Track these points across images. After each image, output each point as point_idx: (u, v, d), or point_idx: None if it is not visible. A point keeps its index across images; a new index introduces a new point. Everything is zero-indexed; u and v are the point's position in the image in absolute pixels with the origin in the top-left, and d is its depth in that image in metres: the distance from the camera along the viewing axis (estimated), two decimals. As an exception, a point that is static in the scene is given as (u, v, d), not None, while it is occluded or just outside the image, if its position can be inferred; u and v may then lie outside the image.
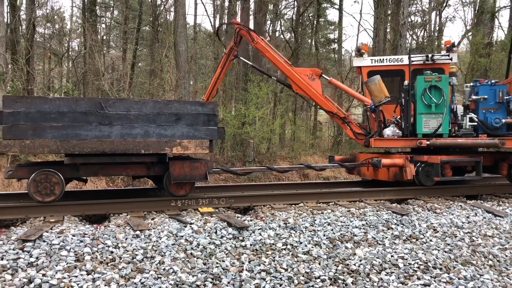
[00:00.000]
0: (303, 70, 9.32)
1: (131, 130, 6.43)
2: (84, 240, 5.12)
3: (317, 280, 4.81)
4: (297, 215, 6.54)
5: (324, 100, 9.17)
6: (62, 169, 6.42)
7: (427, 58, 9.04)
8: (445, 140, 8.27)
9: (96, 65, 18.84)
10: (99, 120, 6.28)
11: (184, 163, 6.84)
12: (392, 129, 8.76)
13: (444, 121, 8.28)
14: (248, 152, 16.34)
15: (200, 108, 6.82)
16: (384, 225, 6.38)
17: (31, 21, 18.83)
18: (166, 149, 6.57)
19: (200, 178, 6.93)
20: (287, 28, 28.28)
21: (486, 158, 8.99)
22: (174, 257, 4.98)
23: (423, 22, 26.91)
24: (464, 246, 5.95)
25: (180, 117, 6.69)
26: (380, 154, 9.16)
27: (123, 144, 6.34)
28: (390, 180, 8.61)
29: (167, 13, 23.22)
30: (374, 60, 9.47)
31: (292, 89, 9.37)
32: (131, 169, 6.86)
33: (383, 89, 8.51)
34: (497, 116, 8.47)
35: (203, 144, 6.76)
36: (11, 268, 4.41)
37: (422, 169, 8.30)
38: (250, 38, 9.13)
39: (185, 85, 17.28)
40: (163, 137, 6.59)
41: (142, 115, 6.50)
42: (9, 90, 14.43)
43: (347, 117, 9.27)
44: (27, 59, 17.82)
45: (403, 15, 17.55)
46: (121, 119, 6.39)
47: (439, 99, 8.24)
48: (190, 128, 6.72)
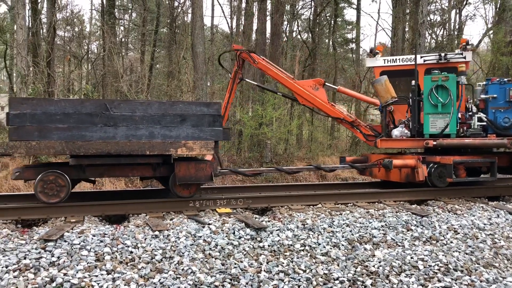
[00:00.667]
0: (306, 82, 9.41)
1: (136, 131, 6.48)
2: (104, 240, 5.18)
3: (336, 281, 4.78)
4: (315, 216, 6.51)
5: (330, 107, 9.20)
6: (68, 170, 6.48)
7: (440, 57, 8.92)
8: (452, 141, 8.10)
9: (114, 67, 19.06)
10: (104, 121, 6.35)
11: (189, 164, 6.86)
12: (401, 129, 8.68)
13: (451, 121, 8.13)
14: (265, 153, 16.31)
15: (205, 109, 6.82)
16: (404, 226, 6.31)
17: (52, 24, 19.15)
18: (171, 150, 6.58)
19: (205, 179, 6.93)
20: (304, 28, 28.21)
21: (502, 159, 8.82)
22: (193, 258, 5.00)
23: (443, 21, 26.54)
24: (486, 248, 5.85)
25: (185, 118, 6.71)
26: (392, 155, 9.06)
27: (128, 145, 6.39)
28: (402, 181, 8.51)
29: (185, 15, 23.40)
30: (387, 60, 9.40)
31: (299, 101, 9.43)
32: (137, 170, 6.90)
33: (390, 90, 8.43)
34: (506, 115, 8.28)
35: (208, 145, 6.76)
36: (34, 267, 4.49)
37: (434, 170, 8.17)
38: (251, 59, 9.25)
39: (202, 86, 17.35)
40: (168, 138, 6.61)
41: (147, 116, 6.54)
42: (31, 92, 14.68)
43: (355, 120, 9.26)
44: (47, 62, 18.12)
45: (422, 13, 17.33)
46: (126, 120, 6.44)
47: (446, 99, 8.10)
48: (195, 129, 6.74)
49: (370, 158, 9.22)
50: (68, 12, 24.67)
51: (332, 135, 22.45)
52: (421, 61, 9.06)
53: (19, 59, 15.06)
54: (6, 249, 4.86)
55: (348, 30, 31.42)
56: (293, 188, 9.10)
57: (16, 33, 15.85)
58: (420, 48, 17.57)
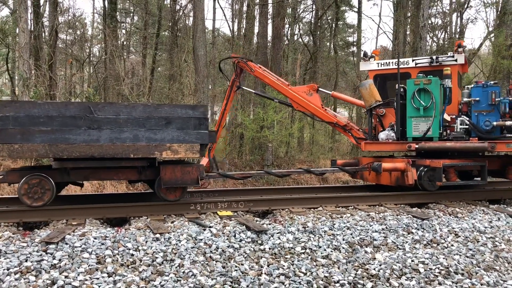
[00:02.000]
0: (300, 88, 9.49)
1: (120, 134, 6.41)
2: (105, 242, 5.19)
3: (336, 284, 4.79)
4: (316, 219, 6.52)
5: (324, 112, 9.26)
6: (52, 174, 6.46)
7: (433, 60, 8.88)
8: (434, 144, 8.06)
9: (116, 70, 19.11)
10: (88, 124, 6.29)
11: (175, 167, 6.82)
12: (387, 132, 8.66)
13: (433, 124, 8.06)
14: (267, 156, 16.33)
15: (191, 112, 6.75)
16: (404, 229, 6.32)
17: (54, 27, 19.24)
18: (156, 153, 6.54)
19: (191, 182, 6.88)
20: (305, 31, 28.29)
21: (493, 162, 8.76)
22: (194, 260, 5.01)
23: (444, 24, 26.57)
24: (486, 251, 5.85)
25: (171, 120, 6.63)
26: (383, 158, 9.02)
27: (112, 148, 6.34)
28: (392, 184, 8.47)
29: (186, 18, 23.45)
30: (380, 64, 9.39)
31: (293, 107, 9.55)
32: (122, 174, 6.87)
33: (374, 94, 8.44)
34: (488, 118, 8.20)
35: (194, 148, 6.70)
36: (35, 270, 4.50)
37: (425, 174, 8.12)
38: (248, 68, 9.37)
39: (204, 89, 17.38)
40: (153, 141, 6.55)
41: (131, 119, 6.47)
42: (32, 95, 14.73)
43: (347, 124, 9.28)
44: (49, 65, 18.19)
45: (423, 17, 17.37)
46: (110, 123, 6.38)
47: (428, 102, 8.05)
48: (180, 132, 6.66)
49: (361, 161, 9.20)
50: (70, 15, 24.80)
51: (333, 138, 22.45)
52: (413, 64, 9.04)
53: (21, 62, 15.10)
54: (8, 252, 4.88)
55: (349, 33, 31.52)
56: (294, 191, 9.11)
57: (18, 36, 15.90)
58: (421, 51, 17.59)
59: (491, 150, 7.98)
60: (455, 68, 8.75)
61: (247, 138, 17.11)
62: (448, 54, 9.00)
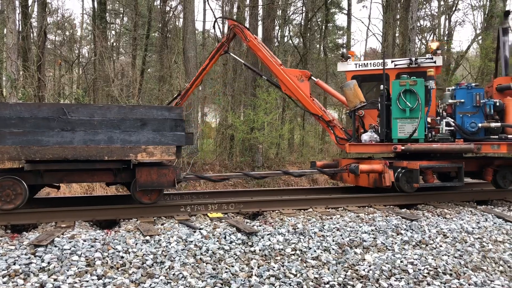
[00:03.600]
0: (292, 71, 9.26)
1: (94, 136, 6.31)
2: (95, 245, 5.17)
3: (326, 285, 4.81)
4: (306, 221, 6.55)
5: (310, 102, 9.07)
6: (25, 176, 6.34)
7: (411, 62, 8.87)
8: (420, 145, 8.05)
9: (106, 72, 19.00)
10: (61, 126, 6.19)
11: (151, 169, 6.71)
12: (370, 134, 8.61)
13: (419, 126, 8.05)
14: (257, 157, 16.34)
15: (167, 113, 6.65)
16: (394, 230, 6.36)
17: (42, 28, 19.09)
18: (131, 155, 6.43)
19: (168, 185, 6.79)
20: (295, 33, 28.34)
21: (471, 164, 8.83)
22: (184, 262, 5.01)
23: (432, 27, 26.83)
24: (474, 251, 5.92)
25: (146, 122, 6.54)
26: (362, 160, 9.00)
27: (86, 150, 6.24)
28: (371, 186, 8.45)
29: (176, 20, 23.42)
30: (359, 65, 9.31)
31: (281, 89, 9.33)
32: (97, 176, 6.77)
33: (358, 94, 8.35)
34: (473, 120, 8.24)
35: (170, 150, 6.61)
36: (23, 273, 4.47)
37: (402, 175, 8.12)
38: (243, 36, 9.10)
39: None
40: (128, 143, 6.43)
41: (106, 120, 6.37)
42: (21, 96, 14.59)
43: (332, 121, 9.13)
44: (38, 66, 18.04)
45: (411, 19, 17.51)
46: (84, 124, 6.27)
47: (414, 104, 8.02)
48: (156, 134, 6.56)
49: (341, 163, 9.15)
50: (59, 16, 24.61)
51: (323, 139, 22.54)
52: (392, 65, 8.99)
53: (9, 63, 14.95)
54: (-4, 255, 4.83)
55: (339, 35, 31.63)
56: (284, 193, 9.13)
57: (6, 37, 15.73)
58: (410, 53, 17.73)
59: (477, 152, 8.02)
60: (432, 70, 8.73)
61: (238, 140, 17.10)
62: (426, 56, 9.00)
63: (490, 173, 8.78)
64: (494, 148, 8.11)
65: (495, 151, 8.24)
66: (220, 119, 20.24)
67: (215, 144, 19.18)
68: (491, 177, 8.79)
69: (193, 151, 16.43)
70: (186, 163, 15.30)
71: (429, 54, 9.00)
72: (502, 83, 8.73)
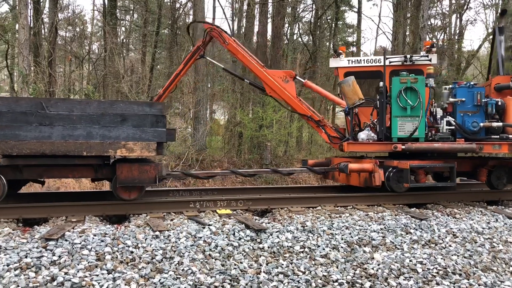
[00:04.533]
0: (276, 72, 8.95)
1: (73, 131, 6.25)
2: (105, 239, 5.21)
3: (335, 283, 4.81)
4: (314, 218, 6.54)
5: (298, 103, 8.81)
6: (4, 171, 6.32)
7: (406, 59, 8.70)
8: (421, 145, 7.87)
9: (116, 68, 19.11)
10: (40, 120, 6.14)
11: (132, 166, 6.64)
12: (367, 132, 8.37)
13: (420, 125, 7.88)
14: (265, 155, 16.36)
15: (148, 109, 6.58)
16: (403, 229, 6.34)
17: (54, 24, 19.24)
18: (110, 151, 6.37)
19: (149, 181, 6.72)
20: (305, 31, 28.29)
21: (464, 164, 8.66)
22: (193, 258, 5.03)
23: (443, 25, 26.61)
24: (484, 252, 5.88)
25: (126, 118, 6.46)
26: (354, 159, 8.85)
27: (64, 145, 6.18)
28: (361, 185, 8.30)
29: (186, 17, 23.46)
30: (351, 61, 9.08)
31: (266, 92, 8.99)
32: (78, 172, 6.71)
33: (357, 91, 8.13)
34: (475, 119, 8.07)
35: (150, 146, 6.52)
36: (35, 266, 4.51)
37: (393, 175, 7.93)
38: (221, 39, 8.75)
39: (203, 87, 17.43)
40: (107, 139, 6.36)
41: (85, 115, 6.30)
42: (32, 92, 14.74)
43: (321, 120, 8.89)
44: (49, 62, 18.20)
45: (423, 18, 17.40)
46: (63, 119, 6.21)
47: (415, 102, 7.82)
48: (136, 130, 6.48)
49: (333, 162, 8.97)
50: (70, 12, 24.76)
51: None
52: (387, 62, 8.75)
53: (21, 58, 15.10)
54: (8, 248, 4.89)
55: (349, 33, 31.54)
56: (293, 190, 9.13)
57: (18, 32, 15.89)
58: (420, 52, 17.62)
59: (479, 152, 7.87)
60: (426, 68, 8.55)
61: (246, 137, 17.13)
62: (421, 54, 8.83)
63: (484, 173, 8.56)
64: (496, 148, 7.97)
65: (496, 151, 8.10)
66: (229, 116, 20.28)
67: (223, 141, 19.23)
68: (485, 177, 8.58)
69: (201, 148, 16.49)
70: (195, 160, 15.37)
71: (423, 52, 8.81)
72: (501, 82, 8.56)
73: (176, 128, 11.43)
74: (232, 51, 8.91)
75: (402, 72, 8.16)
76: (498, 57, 9.12)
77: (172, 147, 15.69)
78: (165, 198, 7.81)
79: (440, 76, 19.55)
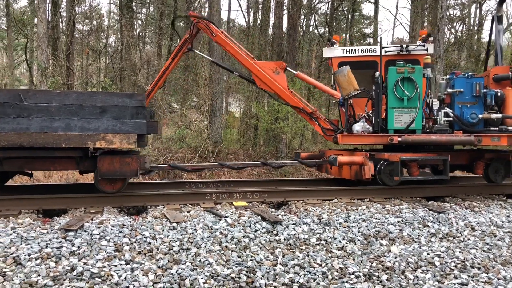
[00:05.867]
0: (266, 64, 8.80)
1: (52, 123, 6.18)
2: (123, 231, 5.28)
3: (351, 276, 4.80)
4: (331, 211, 6.53)
5: (289, 95, 8.66)
6: None
7: (402, 49, 8.46)
8: (418, 137, 7.64)
9: (132, 61, 19.24)
10: (18, 112, 6.08)
11: (113, 158, 6.59)
12: (362, 124, 8.16)
13: (417, 116, 7.64)
14: (281, 148, 16.33)
15: (128, 100, 6.48)
16: (420, 222, 6.29)
17: (71, 18, 19.43)
18: (89, 143, 6.29)
19: (131, 174, 6.67)
20: (321, 22, 28.05)
21: (461, 156, 8.45)
22: (210, 249, 5.07)
23: (462, 16, 26.13)
24: (504, 246, 5.80)
25: (106, 109, 6.37)
26: (347, 151, 8.71)
27: (43, 137, 6.11)
28: (352, 179, 8.15)
29: (202, 9, 23.43)
30: (346, 51, 8.85)
31: (256, 84, 8.82)
32: (60, 164, 6.65)
33: (353, 81, 7.92)
34: (473, 111, 7.80)
35: (130, 138, 6.42)
36: (55, 256, 4.60)
37: (385, 168, 7.75)
38: (209, 31, 8.53)
39: (218, 80, 17.43)
40: (86, 131, 6.29)
41: (64, 107, 6.23)
42: (50, 85, 14.94)
43: (314, 112, 8.74)
44: (67, 55, 18.40)
45: (441, 8, 17.09)
46: (41, 111, 6.15)
47: (412, 92, 7.60)
48: (116, 121, 6.39)
49: (326, 154, 8.81)
50: (87, 6, 24.97)
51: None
52: (382, 52, 8.51)
53: (40, 52, 15.31)
54: (29, 238, 4.98)
55: (365, 24, 31.21)
56: (309, 183, 9.11)
57: (37, 26, 16.09)
58: (439, 43, 17.33)
59: (477, 144, 7.63)
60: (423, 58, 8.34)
61: (262, 130, 17.11)
62: (417, 43, 8.58)
63: (481, 166, 8.33)
64: (495, 140, 7.71)
65: (495, 144, 7.83)
66: (244, 109, 20.27)
67: (239, 134, 19.25)
68: (482, 171, 8.35)
69: (217, 140, 16.54)
70: (210, 152, 15.43)
71: (419, 41, 8.57)
72: (500, 72, 8.29)
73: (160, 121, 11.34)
74: (221, 43, 8.72)
75: (399, 62, 7.97)
76: (497, 47, 8.81)
77: (189, 140, 15.77)
78: (182, 190, 7.87)
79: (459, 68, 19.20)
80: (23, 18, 23.48)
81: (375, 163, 7.78)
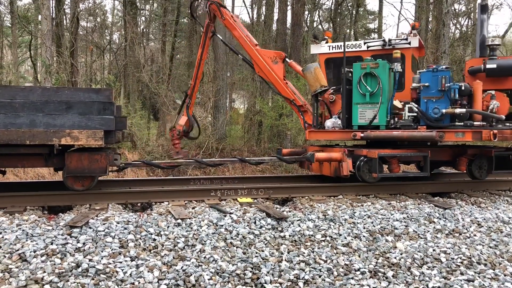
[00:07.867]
0: (267, 52, 8.86)
1: (16, 119, 6.03)
2: (128, 227, 5.27)
3: (357, 272, 4.78)
4: (336, 207, 6.50)
5: (283, 85, 8.67)
6: None
7: (385, 43, 8.30)
8: (380, 133, 7.55)
9: (136, 58, 19.25)
10: None
11: (82, 155, 6.46)
12: (334, 120, 8.09)
13: (380, 112, 7.53)
14: (285, 144, 16.31)
15: (95, 96, 6.35)
16: (426, 218, 6.26)
17: (75, 15, 19.42)
18: (54, 140, 6.13)
19: (100, 171, 6.52)
20: (325, 18, 27.94)
21: (444, 153, 8.33)
22: (215, 246, 5.06)
23: (468, 11, 25.94)
24: (510, 242, 5.76)
25: (72, 105, 6.23)
26: (328, 147, 8.62)
27: (6, 134, 5.96)
28: (332, 175, 8.06)
29: (205, 5, 23.35)
30: (332, 47, 8.74)
31: (255, 71, 8.96)
32: (27, 161, 6.55)
33: (319, 78, 7.90)
34: (437, 105, 7.53)
35: (97, 134, 6.24)
36: (60, 253, 4.60)
37: (364, 164, 7.64)
38: (219, 13, 8.72)
39: (222, 76, 17.41)
40: (51, 127, 6.14)
41: (28, 103, 6.09)
42: (54, 82, 14.96)
43: (303, 106, 8.70)
44: (71, 52, 18.41)
45: (446, 3, 16.98)
46: (4, 107, 6.01)
47: (375, 88, 7.52)
48: (82, 118, 6.24)
49: (308, 151, 8.71)
50: (91, 3, 24.95)
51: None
52: (365, 47, 8.46)
53: (44, 49, 15.33)
54: (34, 235, 4.99)
55: (370, 20, 31.03)
56: (314, 179, 9.08)
57: (41, 23, 16.11)
58: (444, 38, 17.23)
59: (439, 140, 7.37)
60: (409, 52, 8.21)
61: (266, 126, 17.09)
62: (402, 37, 8.42)
63: (464, 163, 8.16)
64: (459, 136, 7.44)
65: (459, 139, 7.60)
66: (249, 105, 20.25)
67: (243, 130, 19.23)
68: (465, 167, 8.17)
69: (221, 137, 16.54)
70: (215, 149, 15.43)
71: (404, 35, 8.42)
72: (475, 65, 7.99)
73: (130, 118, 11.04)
74: (228, 27, 8.91)
75: (367, 58, 7.89)
76: (477, 38, 8.48)
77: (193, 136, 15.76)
78: (187, 186, 7.87)
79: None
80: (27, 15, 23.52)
81: (354, 160, 7.69)
